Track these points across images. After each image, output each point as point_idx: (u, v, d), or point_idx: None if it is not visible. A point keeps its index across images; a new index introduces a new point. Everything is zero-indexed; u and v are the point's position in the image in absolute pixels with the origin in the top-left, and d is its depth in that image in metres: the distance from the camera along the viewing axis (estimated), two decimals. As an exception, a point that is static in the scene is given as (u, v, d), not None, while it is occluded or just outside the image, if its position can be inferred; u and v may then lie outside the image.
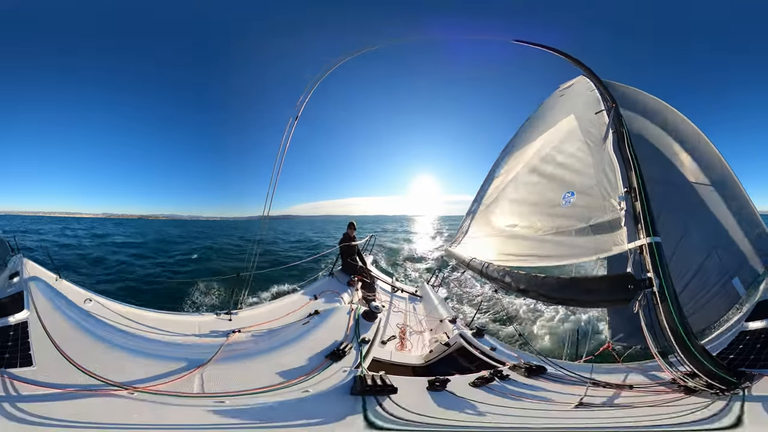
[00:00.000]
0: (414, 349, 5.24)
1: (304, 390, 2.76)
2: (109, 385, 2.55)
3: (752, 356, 2.92)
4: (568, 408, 2.69)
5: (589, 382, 3.10)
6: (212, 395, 2.67)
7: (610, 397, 2.90)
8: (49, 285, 4.24)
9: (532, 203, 4.69)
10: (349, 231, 7.91)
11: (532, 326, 9.13)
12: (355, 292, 6.19)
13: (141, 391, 2.54)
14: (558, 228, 3.98)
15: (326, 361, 3.28)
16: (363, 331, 4.15)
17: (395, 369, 4.30)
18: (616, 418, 2.56)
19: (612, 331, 4.10)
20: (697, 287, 4.22)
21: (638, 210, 3.17)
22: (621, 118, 4.02)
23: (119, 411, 2.30)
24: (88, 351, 3.02)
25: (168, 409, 2.39)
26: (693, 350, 2.59)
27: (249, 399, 2.61)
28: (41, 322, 3.24)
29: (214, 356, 3.24)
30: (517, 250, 4.45)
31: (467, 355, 4.34)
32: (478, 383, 3.10)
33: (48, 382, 2.47)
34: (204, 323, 4.38)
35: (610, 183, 3.58)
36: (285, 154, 5.24)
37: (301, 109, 5.28)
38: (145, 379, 2.73)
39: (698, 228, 4.45)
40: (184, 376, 2.86)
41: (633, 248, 3.05)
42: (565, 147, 4.63)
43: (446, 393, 2.85)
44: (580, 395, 2.81)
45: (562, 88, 6.25)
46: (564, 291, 3.30)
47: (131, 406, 2.37)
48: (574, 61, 5.71)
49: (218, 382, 2.89)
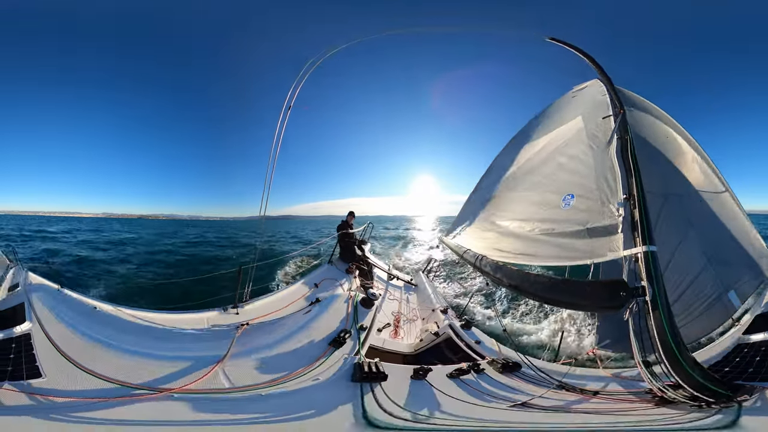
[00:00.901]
0: (406, 337, 5.41)
1: (314, 378, 2.97)
2: (139, 389, 2.57)
3: (750, 369, 2.91)
4: (505, 407, 2.81)
5: (553, 384, 3.20)
6: (242, 389, 2.76)
7: (569, 401, 2.95)
8: (51, 295, 4.22)
9: (532, 202, 4.69)
10: (348, 219, 7.97)
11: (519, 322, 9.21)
12: (353, 279, 6.30)
13: (178, 392, 2.58)
14: (555, 229, 3.98)
15: (330, 348, 3.50)
16: (361, 317, 4.33)
17: (388, 356, 4.45)
18: (547, 423, 2.63)
19: (599, 337, 4.11)
20: (691, 298, 4.20)
21: (636, 218, 3.17)
22: (627, 125, 3.98)
23: (166, 414, 2.35)
24: (100, 358, 2.99)
25: (214, 405, 2.48)
26: (682, 361, 2.59)
27: (274, 389, 2.78)
28: (45, 332, 3.22)
29: (229, 350, 3.30)
30: (511, 247, 4.47)
31: (453, 346, 4.50)
32: (455, 374, 3.32)
33: (70, 390, 2.48)
34: (212, 319, 4.42)
35: (610, 188, 3.57)
36: (279, 145, 5.18)
37: (294, 96, 5.23)
38: (170, 380, 2.77)
39: (696, 239, 4.43)
40: (209, 373, 2.91)
41: (628, 255, 3.05)
42: (569, 149, 4.60)
43: (425, 383, 3.08)
44: (540, 395, 2.95)
45: (575, 90, 6.18)
46: (555, 292, 3.32)
47: (178, 408, 2.42)
48: (591, 61, 5.62)
49: (240, 376, 2.96)
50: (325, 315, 4.36)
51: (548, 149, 5.15)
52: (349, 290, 5.48)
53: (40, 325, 3.36)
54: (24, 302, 3.75)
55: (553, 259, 3.81)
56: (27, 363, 2.74)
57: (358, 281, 6.29)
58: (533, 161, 5.35)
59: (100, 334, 3.43)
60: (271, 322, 4.28)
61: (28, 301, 3.81)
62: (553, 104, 6.61)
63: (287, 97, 5.28)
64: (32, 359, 2.80)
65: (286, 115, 5.19)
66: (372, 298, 4.97)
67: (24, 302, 3.75)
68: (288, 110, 5.20)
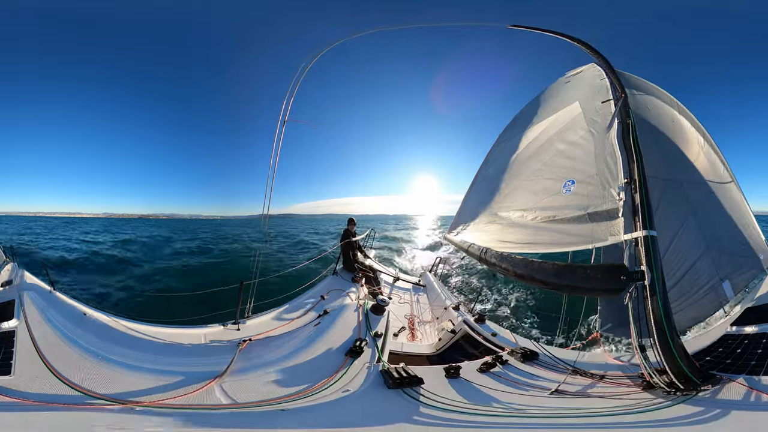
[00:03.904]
0: (424, 338, 5.43)
1: (344, 390, 2.84)
2: (97, 398, 2.45)
3: (728, 360, 2.96)
4: (545, 395, 2.92)
5: (569, 370, 3.35)
6: (247, 405, 2.60)
7: (585, 386, 3.09)
8: (42, 296, 4.13)
9: (532, 191, 4.66)
10: (349, 227, 7.85)
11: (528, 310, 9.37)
12: (360, 287, 6.20)
13: (146, 406, 2.42)
14: (557, 216, 3.97)
15: (347, 359, 3.36)
16: (374, 325, 4.25)
17: (410, 359, 4.44)
18: (578, 408, 2.69)
19: (602, 321, 4.16)
20: (687, 285, 4.23)
21: (637, 202, 3.16)
22: (629, 109, 3.95)
23: (115, 427, 2.20)
24: (77, 364, 2.87)
25: (195, 419, 2.33)
26: (672, 348, 2.63)
27: (294, 404, 2.63)
28: (30, 332, 3.16)
29: (229, 366, 3.12)
30: (515, 237, 4.48)
31: (472, 341, 4.64)
32: (484, 369, 3.46)
33: (26, 392, 2.38)
34: (211, 335, 4.22)
35: (611, 173, 3.55)
36: (282, 138, 5.03)
37: (294, 90, 5.09)
38: (145, 393, 2.62)
39: (696, 226, 4.44)
40: (201, 389, 2.74)
41: (629, 240, 3.05)
42: (567, 135, 4.58)
43: (461, 380, 3.20)
44: (563, 381, 3.08)
45: (568, 75, 6.12)
46: (559, 277, 3.32)
47: (133, 422, 2.27)
48: (586, 47, 5.56)
49: (245, 392, 2.79)
50: (335, 326, 4.23)
51: (545, 136, 5.12)
52: (358, 299, 5.39)
53: (26, 324, 3.30)
54: (15, 299, 3.70)
55: (555, 245, 3.82)
56: (2, 359, 2.72)
57: (365, 289, 6.21)
58: (530, 149, 5.32)
59: (85, 341, 3.33)
60: (279, 336, 4.12)
61: (19, 298, 3.75)
62: (546, 91, 6.54)
63: (282, 110, 5.04)
64: (9, 356, 2.78)
65: (281, 129, 4.99)
66: (382, 304, 4.87)
67: (15, 299, 3.70)
68: (283, 125, 4.96)
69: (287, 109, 5.05)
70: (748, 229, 4.89)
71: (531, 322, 9.21)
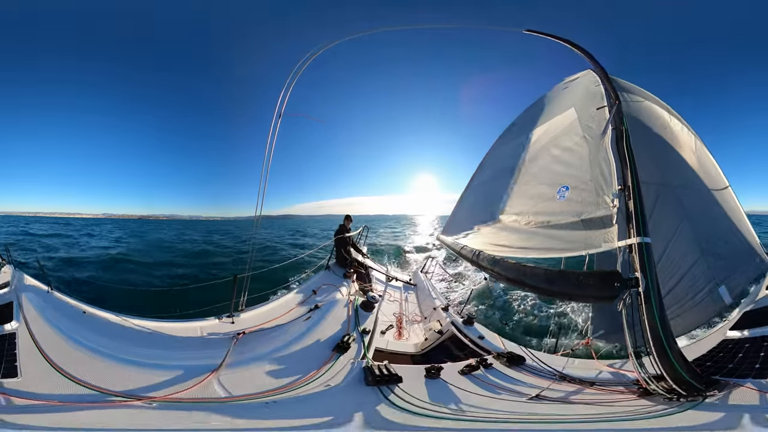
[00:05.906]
0: (410, 337, 5.43)
1: (325, 384, 2.93)
2: (114, 396, 2.48)
3: (731, 365, 2.92)
4: (524, 400, 2.88)
5: (556, 376, 3.31)
6: (242, 398, 2.67)
7: (570, 392, 3.03)
8: (40, 296, 4.14)
9: (527, 195, 4.66)
10: (345, 223, 7.94)
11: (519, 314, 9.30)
12: (351, 283, 6.26)
13: (161, 401, 2.47)
14: (551, 221, 3.96)
15: (334, 354, 3.47)
16: (362, 321, 4.34)
17: (395, 357, 4.44)
18: (559, 414, 2.65)
19: (593, 327, 4.14)
20: (683, 291, 4.22)
21: (631, 209, 3.14)
22: (623, 115, 3.95)
23: (141, 423, 2.24)
24: (83, 363, 2.90)
25: (201, 416, 2.36)
26: (669, 354, 2.59)
27: (280, 397, 2.70)
28: (30, 333, 3.16)
29: (225, 360, 3.20)
30: (508, 241, 4.45)
31: (458, 343, 4.60)
32: (465, 371, 3.42)
33: (41, 393, 2.38)
34: (206, 328, 4.31)
35: (605, 179, 3.54)
36: (272, 152, 5.06)
37: (291, 87, 5.09)
38: (155, 389, 2.65)
39: (691, 232, 4.44)
40: (201, 382, 2.82)
41: (623, 246, 3.03)
42: (562, 141, 4.57)
43: (440, 381, 3.16)
44: (548, 387, 3.02)
45: (566, 81, 6.13)
46: (551, 283, 3.31)
47: (157, 417, 2.31)
48: (583, 53, 5.57)
49: (239, 385, 2.86)
50: (325, 321, 4.32)
51: (541, 141, 5.12)
52: (349, 295, 5.46)
53: (26, 325, 3.29)
54: (13, 301, 3.69)
55: (549, 251, 3.80)
56: (7, 362, 2.69)
57: (356, 285, 6.26)
58: (527, 154, 5.32)
59: (87, 339, 3.35)
60: (271, 329, 4.21)
61: (17, 300, 3.74)
62: (544, 96, 6.57)
63: (278, 103, 5.11)
64: (13, 359, 2.76)
65: (277, 123, 5.04)
66: (372, 301, 4.96)
67: (13, 301, 3.69)
68: (279, 118, 5.04)
69: (284, 101, 5.10)
70: (743, 233, 4.88)
71: (521, 327, 9.18)
